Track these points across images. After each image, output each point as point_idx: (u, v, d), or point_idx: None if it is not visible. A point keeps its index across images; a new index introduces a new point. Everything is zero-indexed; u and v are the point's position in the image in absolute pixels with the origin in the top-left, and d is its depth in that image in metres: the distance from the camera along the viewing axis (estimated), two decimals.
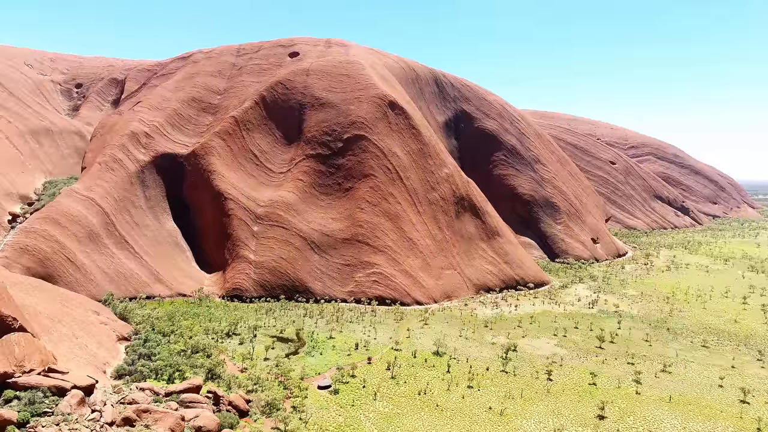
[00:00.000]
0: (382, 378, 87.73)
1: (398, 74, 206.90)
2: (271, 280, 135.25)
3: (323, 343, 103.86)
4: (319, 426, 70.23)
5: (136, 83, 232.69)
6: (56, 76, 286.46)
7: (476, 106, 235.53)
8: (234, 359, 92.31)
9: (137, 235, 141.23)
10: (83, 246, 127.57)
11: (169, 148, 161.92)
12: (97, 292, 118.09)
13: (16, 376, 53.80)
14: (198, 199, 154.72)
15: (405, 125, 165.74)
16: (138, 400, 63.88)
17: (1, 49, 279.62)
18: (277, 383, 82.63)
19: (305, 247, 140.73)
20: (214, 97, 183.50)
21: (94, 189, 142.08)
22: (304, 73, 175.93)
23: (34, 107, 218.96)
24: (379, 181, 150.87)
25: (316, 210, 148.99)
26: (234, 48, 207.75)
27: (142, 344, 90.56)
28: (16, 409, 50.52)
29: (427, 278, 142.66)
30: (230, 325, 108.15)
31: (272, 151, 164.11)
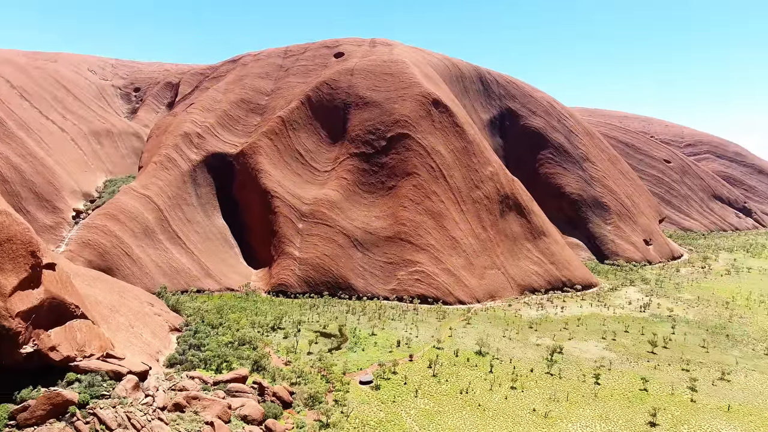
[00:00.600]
0: (423, 376, 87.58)
1: (442, 72, 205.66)
2: (315, 276, 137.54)
3: (365, 340, 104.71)
4: (360, 420, 70.92)
5: (189, 86, 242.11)
6: (117, 80, 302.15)
7: (522, 104, 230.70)
8: (278, 352, 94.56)
9: (189, 231, 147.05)
10: (139, 241, 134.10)
11: (219, 148, 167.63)
12: (151, 284, 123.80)
13: (77, 360, 57.32)
14: (246, 197, 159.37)
15: (449, 123, 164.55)
16: (188, 387, 66.63)
17: (69, 57, 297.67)
18: (320, 377, 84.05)
19: (348, 245, 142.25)
20: (261, 98, 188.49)
21: (150, 187, 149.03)
22: (348, 72, 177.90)
23: (97, 110, 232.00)
24: (422, 180, 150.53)
25: (359, 208, 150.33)
26: (281, 50, 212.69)
27: (192, 335, 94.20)
28: (77, 390, 53.81)
29: (470, 277, 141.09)
30: (275, 320, 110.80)
31: (317, 150, 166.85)
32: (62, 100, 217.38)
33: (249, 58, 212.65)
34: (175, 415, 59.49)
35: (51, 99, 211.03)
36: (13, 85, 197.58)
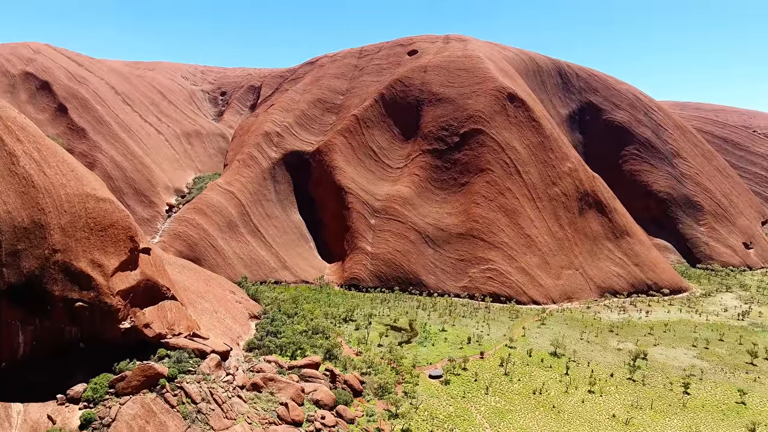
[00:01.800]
0: (494, 373, 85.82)
1: (518, 66, 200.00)
2: (387, 271, 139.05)
3: (435, 335, 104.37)
4: (429, 413, 70.87)
5: (270, 89, 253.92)
6: (205, 86, 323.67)
7: (604, 97, 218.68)
8: (350, 343, 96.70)
9: (268, 225, 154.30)
10: (223, 233, 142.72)
11: (297, 146, 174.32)
12: (233, 274, 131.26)
13: (167, 337, 62.16)
14: (321, 193, 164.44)
15: (524, 118, 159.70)
16: (265, 369, 70.01)
17: (165, 65, 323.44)
18: (390, 369, 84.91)
19: (420, 241, 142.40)
20: (337, 97, 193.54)
21: (234, 183, 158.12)
22: (421, 69, 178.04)
23: (188, 113, 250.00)
24: (495, 176, 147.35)
25: (431, 204, 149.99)
26: (356, 50, 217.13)
27: (269, 323, 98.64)
28: (167, 365, 58.34)
29: (545, 277, 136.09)
30: (347, 312, 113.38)
31: (390, 147, 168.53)
32: (158, 104, 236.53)
33: (326, 60, 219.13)
34: (253, 394, 62.76)
35: (149, 104, 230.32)
36: (117, 92, 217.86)
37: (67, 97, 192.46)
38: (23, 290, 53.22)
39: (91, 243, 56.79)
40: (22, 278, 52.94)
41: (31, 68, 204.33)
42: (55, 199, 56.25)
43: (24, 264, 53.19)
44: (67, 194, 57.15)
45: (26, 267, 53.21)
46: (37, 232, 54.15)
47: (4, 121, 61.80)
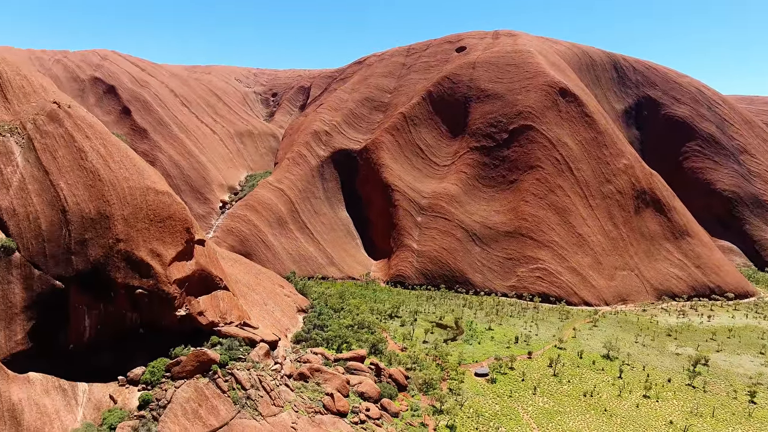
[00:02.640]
0: (542, 374, 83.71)
1: (571, 61, 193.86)
2: (433, 269, 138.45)
3: (482, 334, 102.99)
4: (474, 410, 70.05)
5: (319, 89, 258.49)
6: (258, 87, 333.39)
7: (664, 91, 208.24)
8: (395, 338, 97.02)
9: (316, 222, 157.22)
10: (273, 229, 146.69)
11: (344, 145, 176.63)
12: (282, 269, 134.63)
13: (220, 325, 64.64)
14: (368, 191, 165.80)
15: (577, 113, 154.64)
16: (311, 360, 71.49)
17: (220, 69, 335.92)
18: (435, 365, 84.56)
19: (467, 239, 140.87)
20: (384, 95, 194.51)
21: (283, 181, 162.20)
22: (470, 66, 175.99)
23: (241, 114, 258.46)
24: (546, 173, 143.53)
25: (478, 202, 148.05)
26: (404, 49, 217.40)
27: (316, 316, 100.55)
28: (219, 352, 60.67)
29: (597, 278, 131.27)
30: (393, 308, 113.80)
31: (437, 145, 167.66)
32: (214, 105, 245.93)
33: (374, 59, 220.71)
34: (300, 383, 64.23)
35: (205, 105, 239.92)
36: (176, 94, 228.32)
37: (131, 99, 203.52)
38: (89, 277, 56.82)
39: (150, 233, 59.91)
40: (89, 266, 56.54)
41: (98, 73, 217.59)
42: (119, 191, 59.72)
43: (90, 252, 56.79)
44: (129, 187, 60.55)
45: (92, 255, 56.79)
46: (102, 223, 57.69)
47: (74, 119, 66.26)
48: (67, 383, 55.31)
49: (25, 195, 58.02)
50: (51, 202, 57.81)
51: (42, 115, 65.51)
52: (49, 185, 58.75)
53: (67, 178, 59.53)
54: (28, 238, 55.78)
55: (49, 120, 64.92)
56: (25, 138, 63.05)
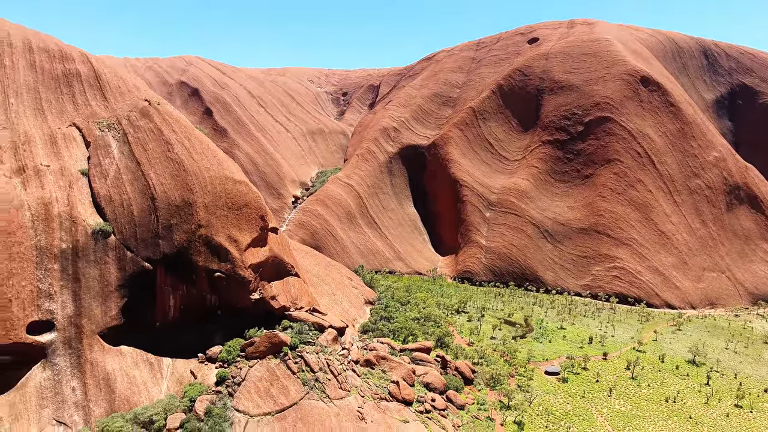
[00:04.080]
0: (619, 376, 79.35)
1: (654, 48, 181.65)
2: (501, 266, 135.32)
3: (553, 332, 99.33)
4: (544, 408, 67.78)
5: (388, 87, 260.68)
6: (329, 87, 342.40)
7: (762, 78, 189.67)
8: (462, 333, 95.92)
9: (384, 217, 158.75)
10: (342, 224, 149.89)
11: (413, 140, 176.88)
12: (350, 262, 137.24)
13: (290, 310, 67.14)
14: (435, 186, 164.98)
15: (660, 103, 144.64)
16: (377, 348, 72.35)
17: (294, 71, 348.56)
18: (503, 361, 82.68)
19: (537, 236, 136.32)
20: (453, 90, 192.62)
21: (353, 177, 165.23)
22: (543, 57, 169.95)
23: (313, 113, 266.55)
24: (625, 167, 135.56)
25: (550, 198, 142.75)
26: (473, 43, 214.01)
27: (383, 308, 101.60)
28: (289, 335, 63.04)
29: (682, 279, 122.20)
30: (460, 303, 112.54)
31: (507, 139, 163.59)
32: (287, 105, 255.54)
33: (443, 54, 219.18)
34: (366, 369, 65.27)
35: (279, 105, 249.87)
36: (253, 95, 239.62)
37: (212, 101, 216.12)
38: (174, 260, 61.09)
39: (228, 220, 63.40)
40: (174, 249, 60.80)
41: (184, 78, 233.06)
42: (201, 180, 63.70)
43: (175, 237, 61.05)
44: (210, 176, 64.42)
45: (177, 239, 61.01)
46: (186, 209, 61.82)
47: (162, 115, 71.48)
48: (153, 358, 59.85)
49: (120, 184, 63.40)
50: (142, 190, 62.75)
51: (135, 112, 71.28)
52: (141, 175, 63.79)
53: (156, 169, 64.35)
54: (122, 223, 60.92)
55: (141, 116, 70.50)
56: (120, 132, 68.93)
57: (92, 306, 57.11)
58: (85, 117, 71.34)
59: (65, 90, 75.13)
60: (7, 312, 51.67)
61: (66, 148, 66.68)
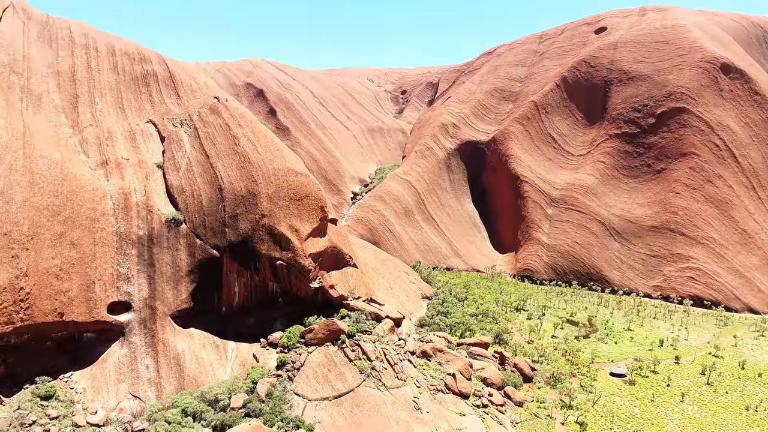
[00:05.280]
0: (693, 381, 74.45)
1: (737, 34, 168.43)
2: (564, 264, 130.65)
3: (619, 334, 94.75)
4: (608, 410, 64.85)
5: (447, 83, 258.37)
6: (388, 86, 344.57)
7: None
8: (521, 330, 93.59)
9: (442, 213, 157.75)
10: (400, 219, 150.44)
11: (471, 136, 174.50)
12: (407, 258, 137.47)
13: (348, 299, 68.30)
14: (494, 183, 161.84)
15: (743, 91, 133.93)
16: (434, 341, 72.11)
17: (354, 71, 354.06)
18: (564, 360, 79.88)
19: (603, 233, 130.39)
20: (514, 85, 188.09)
21: (411, 173, 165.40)
22: (611, 47, 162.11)
23: (372, 112, 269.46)
24: (701, 161, 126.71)
25: (618, 194, 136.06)
26: (536, 36, 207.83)
27: (440, 304, 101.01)
28: (347, 323, 64.17)
29: (767, 281, 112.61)
30: (519, 301, 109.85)
31: (571, 133, 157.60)
32: (347, 104, 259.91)
33: (503, 48, 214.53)
34: (422, 361, 65.24)
35: (340, 104, 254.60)
36: (314, 95, 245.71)
37: (276, 101, 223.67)
38: (239, 247, 63.90)
39: (290, 210, 65.48)
40: (239, 237, 63.60)
41: (250, 79, 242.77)
42: (265, 172, 66.20)
43: (240, 226, 63.84)
44: (273, 168, 66.81)
45: (242, 228, 63.77)
46: (250, 200, 64.49)
47: (229, 111, 74.96)
48: (219, 341, 62.91)
49: (191, 176, 67.12)
50: (210, 181, 66.11)
51: (205, 108, 75.23)
52: (209, 167, 67.23)
53: (223, 161, 67.58)
54: (192, 212, 64.48)
55: (210, 112, 74.30)
56: (191, 128, 72.98)
57: (165, 289, 60.89)
58: (161, 114, 76.14)
59: (143, 89, 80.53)
60: (91, 292, 56.15)
61: (143, 143, 71.50)
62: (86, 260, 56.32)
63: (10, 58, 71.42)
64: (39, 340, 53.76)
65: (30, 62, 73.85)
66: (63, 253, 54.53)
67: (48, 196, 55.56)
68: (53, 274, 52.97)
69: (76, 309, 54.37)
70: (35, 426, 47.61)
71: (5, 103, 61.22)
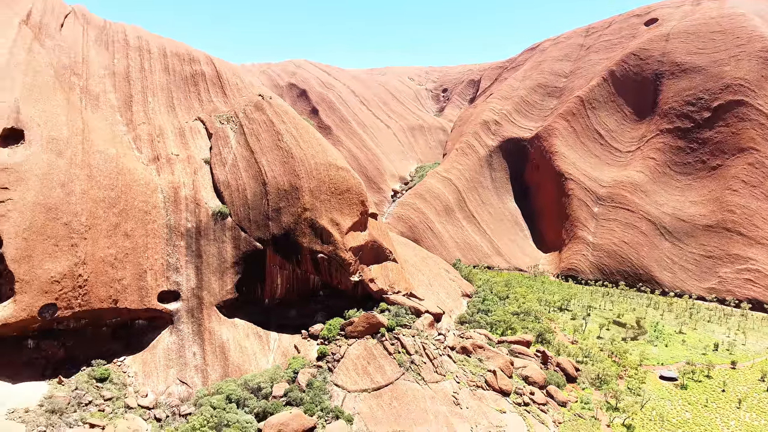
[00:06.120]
0: (751, 388, 70.39)
1: None
2: (610, 264, 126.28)
3: (670, 336, 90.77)
4: (658, 413, 62.25)
5: (489, 80, 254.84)
6: (429, 84, 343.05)
7: None
8: (564, 330, 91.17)
9: (483, 211, 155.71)
10: (440, 217, 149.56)
11: (514, 133, 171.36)
12: (447, 256, 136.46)
13: (388, 293, 68.50)
14: (537, 180, 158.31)
15: None
16: (474, 337, 71.30)
17: (395, 69, 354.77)
18: (610, 361, 77.24)
19: (653, 233, 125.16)
20: (559, 80, 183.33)
21: (451, 171, 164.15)
22: (662, 39, 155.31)
23: (413, 110, 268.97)
24: (762, 156, 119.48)
25: (669, 191, 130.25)
26: (582, 29, 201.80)
27: (481, 302, 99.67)
28: (387, 317, 64.39)
29: None
30: (563, 300, 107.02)
31: (619, 129, 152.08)
32: (388, 103, 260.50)
33: (548, 43, 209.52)
34: (462, 357, 64.65)
35: (381, 103, 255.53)
36: (356, 94, 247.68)
37: (318, 101, 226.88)
38: (282, 240, 65.30)
39: (331, 204, 66.35)
40: (282, 231, 65.00)
41: (293, 80, 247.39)
42: (307, 167, 67.36)
43: (283, 219, 65.22)
44: (316, 163, 67.88)
45: (284, 222, 65.14)
46: (293, 194, 65.78)
47: (273, 108, 76.70)
48: (262, 331, 64.50)
49: (236, 171, 69.12)
50: (255, 176, 67.87)
51: (250, 106, 77.29)
52: (254, 162, 69.03)
53: (267, 157, 69.23)
54: (237, 205, 66.39)
55: (255, 109, 76.28)
56: (237, 125, 75.17)
57: (211, 280, 62.98)
58: (208, 112, 78.80)
59: (192, 89, 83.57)
60: (143, 281, 58.78)
61: (192, 140, 74.20)
62: (139, 250, 59.01)
63: (71, 61, 75.66)
64: (95, 326, 56.76)
65: (89, 64, 78.00)
66: (117, 243, 57.35)
67: (104, 188, 58.56)
68: (108, 262, 55.79)
69: (129, 296, 57.07)
70: (91, 406, 50.29)
71: (66, 103, 64.91)
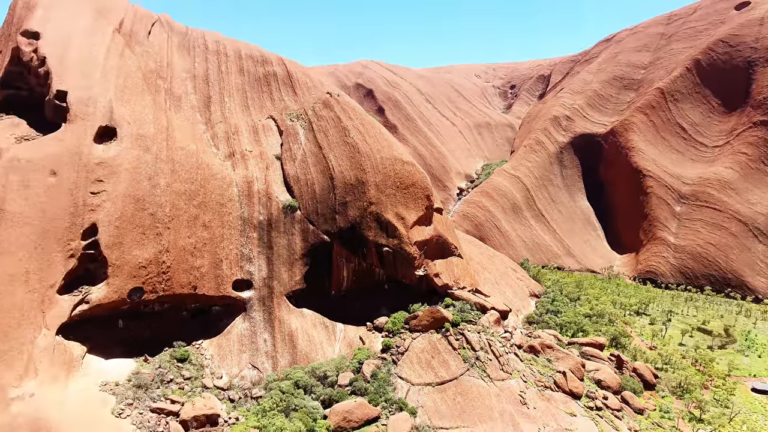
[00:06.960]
0: None
1: None
2: (694, 267, 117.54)
3: (764, 347, 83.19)
4: (749, 427, 57.28)
5: (560, 75, 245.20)
6: (496, 81, 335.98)
7: None
8: (642, 335, 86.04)
9: (552, 210, 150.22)
10: (507, 216, 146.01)
11: (587, 129, 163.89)
12: (515, 255, 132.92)
13: (453, 289, 67.82)
14: (612, 178, 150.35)
15: None
16: (542, 337, 68.96)
17: (461, 67, 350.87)
18: (694, 370, 71.98)
19: (745, 234, 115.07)
20: (637, 72, 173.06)
21: (519, 168, 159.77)
22: (756, 23, 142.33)
23: (479, 107, 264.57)
24: None
25: (764, 189, 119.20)
26: (663, 17, 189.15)
27: (550, 302, 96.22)
28: (451, 312, 63.74)
29: None
30: (640, 304, 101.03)
31: (705, 122, 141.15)
32: (454, 101, 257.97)
33: (624, 34, 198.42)
34: (530, 356, 62.72)
35: (446, 101, 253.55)
36: (421, 93, 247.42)
37: (384, 100, 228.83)
38: (348, 234, 66.47)
39: (396, 198, 66.72)
40: (348, 224, 66.18)
41: (360, 80, 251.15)
42: (373, 161, 68.16)
43: (349, 213, 66.40)
44: (381, 158, 68.55)
45: (350, 215, 66.29)
46: (359, 188, 66.80)
47: (341, 105, 78.30)
48: (328, 321, 65.99)
49: (305, 166, 71.23)
50: (323, 171, 69.61)
51: (319, 103, 79.36)
52: (322, 158, 70.81)
53: (334, 152, 70.79)
54: (306, 199, 68.40)
55: (323, 106, 78.24)
56: (306, 122, 77.44)
57: (281, 271, 65.30)
58: (279, 110, 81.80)
59: (264, 89, 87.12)
60: (219, 270, 62.06)
61: (264, 137, 77.34)
62: (215, 240, 62.37)
63: (157, 65, 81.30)
64: (176, 310, 60.69)
65: (172, 68, 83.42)
66: (197, 233, 60.95)
67: (185, 182, 62.43)
68: (188, 251, 59.43)
69: (206, 284, 60.47)
70: (172, 384, 53.80)
71: (153, 103, 69.85)
